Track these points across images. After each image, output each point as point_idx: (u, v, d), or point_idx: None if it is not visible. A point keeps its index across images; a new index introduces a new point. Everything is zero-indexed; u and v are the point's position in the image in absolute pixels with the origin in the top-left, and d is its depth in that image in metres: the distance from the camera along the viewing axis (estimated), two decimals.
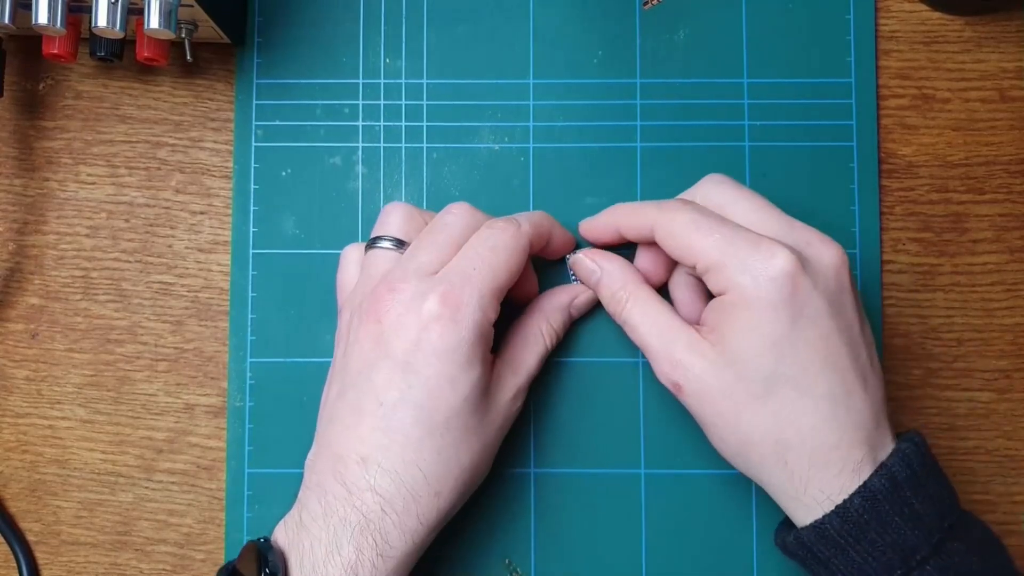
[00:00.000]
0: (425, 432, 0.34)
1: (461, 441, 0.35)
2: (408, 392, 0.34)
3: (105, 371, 0.43)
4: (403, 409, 0.34)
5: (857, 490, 0.33)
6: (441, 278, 0.35)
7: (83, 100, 0.44)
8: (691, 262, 0.36)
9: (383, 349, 0.35)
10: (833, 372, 0.34)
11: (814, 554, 0.34)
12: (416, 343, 0.34)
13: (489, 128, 0.44)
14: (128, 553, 0.43)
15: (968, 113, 0.44)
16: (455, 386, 0.35)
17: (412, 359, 0.34)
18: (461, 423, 0.35)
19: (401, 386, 0.34)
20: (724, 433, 0.36)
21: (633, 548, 0.42)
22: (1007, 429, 0.43)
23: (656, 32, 0.44)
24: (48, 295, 0.44)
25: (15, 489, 0.43)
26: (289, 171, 0.44)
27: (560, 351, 0.42)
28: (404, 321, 0.35)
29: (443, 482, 0.35)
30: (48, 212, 0.44)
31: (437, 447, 0.34)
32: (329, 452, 0.35)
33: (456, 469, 0.35)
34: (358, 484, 0.34)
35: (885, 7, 0.44)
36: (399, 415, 0.34)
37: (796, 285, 0.34)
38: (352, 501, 0.34)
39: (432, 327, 0.34)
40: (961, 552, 0.33)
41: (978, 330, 0.43)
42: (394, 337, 0.35)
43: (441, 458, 0.35)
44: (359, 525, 0.33)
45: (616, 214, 0.40)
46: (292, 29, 0.44)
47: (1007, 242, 0.43)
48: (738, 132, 0.43)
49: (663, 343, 0.37)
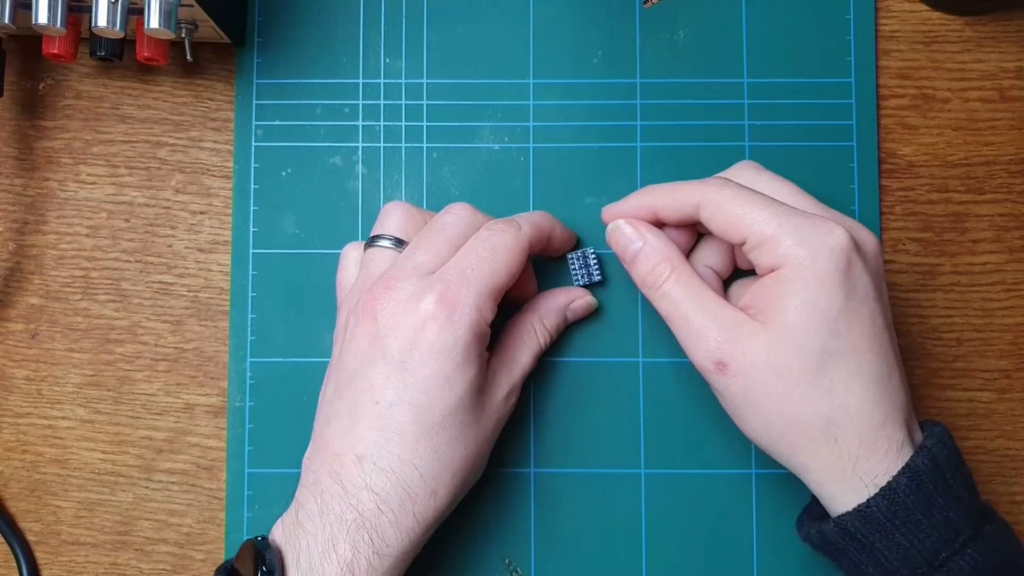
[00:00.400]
0: (421, 431, 0.34)
1: (457, 439, 0.35)
2: (404, 391, 0.34)
3: (105, 371, 0.43)
4: (399, 408, 0.34)
5: (902, 470, 0.33)
6: (439, 277, 0.35)
7: (83, 100, 0.44)
8: (741, 237, 0.35)
9: (379, 347, 0.35)
10: (879, 351, 0.34)
11: (858, 540, 0.34)
12: (412, 342, 0.34)
13: (489, 128, 0.44)
14: (128, 553, 0.43)
15: (968, 113, 0.44)
16: (451, 385, 0.35)
17: (408, 358, 0.34)
18: (457, 422, 0.35)
19: (397, 385, 0.34)
20: (770, 415, 0.35)
21: (633, 548, 0.42)
22: (1007, 429, 0.43)
23: (656, 32, 0.44)
24: (48, 295, 0.44)
25: (15, 489, 0.43)
26: (289, 171, 0.44)
27: (560, 351, 0.42)
28: (400, 319, 0.35)
29: (439, 480, 0.35)
30: (48, 212, 0.44)
31: (433, 446, 0.35)
32: (326, 451, 0.35)
33: (452, 467, 0.35)
34: (354, 483, 0.34)
35: (885, 7, 0.44)
36: (395, 414, 0.34)
37: (851, 262, 0.34)
38: (348, 499, 0.34)
39: (428, 326, 0.34)
40: (993, 534, 0.34)
41: (978, 330, 0.43)
42: (390, 335, 0.35)
43: (437, 456, 0.35)
44: (355, 523, 0.33)
45: (653, 195, 0.39)
46: (292, 29, 0.44)
47: (1007, 242, 0.43)
48: (738, 132, 0.43)
49: (708, 320, 0.36)
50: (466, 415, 0.35)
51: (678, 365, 0.42)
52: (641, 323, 0.43)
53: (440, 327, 0.34)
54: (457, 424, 0.35)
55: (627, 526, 0.42)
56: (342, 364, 0.36)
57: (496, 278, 0.36)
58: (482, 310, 0.35)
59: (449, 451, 0.35)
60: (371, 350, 0.35)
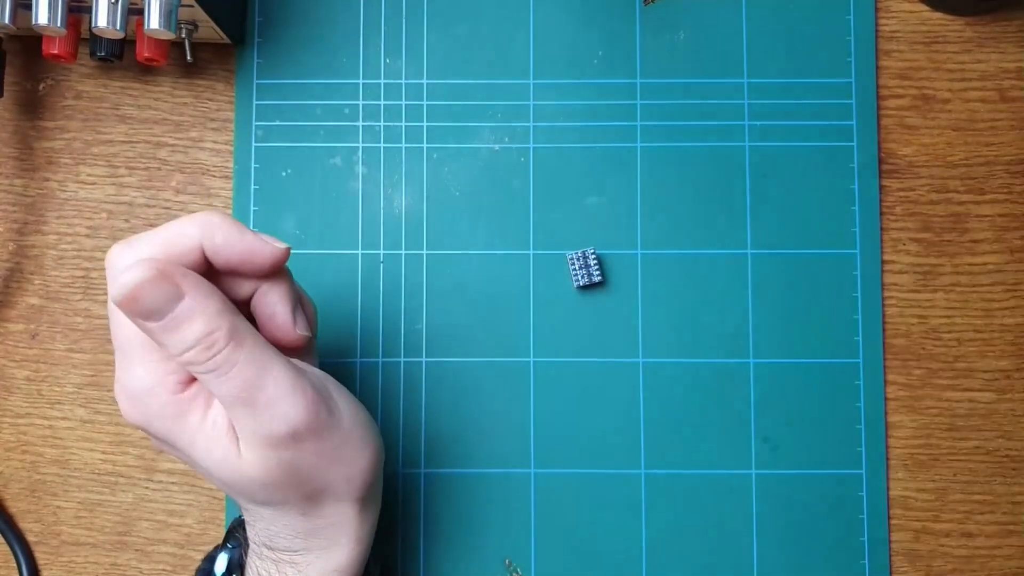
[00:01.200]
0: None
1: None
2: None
3: (105, 371, 0.43)
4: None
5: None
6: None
7: (83, 100, 0.44)
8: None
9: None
10: None
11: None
12: None
13: (489, 128, 0.44)
14: (128, 553, 0.43)
15: (968, 113, 0.44)
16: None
17: None
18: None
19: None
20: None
21: (633, 548, 0.42)
22: (1007, 429, 0.43)
23: (656, 32, 0.44)
24: (48, 295, 0.44)
25: (15, 489, 0.43)
26: (289, 171, 0.44)
27: (560, 351, 0.42)
28: None
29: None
30: (48, 212, 0.44)
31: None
32: None
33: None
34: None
35: (885, 7, 0.44)
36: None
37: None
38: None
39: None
40: None
41: (978, 330, 0.43)
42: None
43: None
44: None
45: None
46: (292, 29, 0.44)
47: (1007, 242, 0.43)
48: (738, 132, 0.43)
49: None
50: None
51: (678, 365, 0.42)
52: (641, 323, 0.43)
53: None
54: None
55: (627, 526, 0.42)
56: None
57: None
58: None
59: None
60: None
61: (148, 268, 0.29)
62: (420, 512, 0.42)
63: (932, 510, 0.42)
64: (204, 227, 0.31)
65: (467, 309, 0.43)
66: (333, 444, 0.32)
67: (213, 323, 0.29)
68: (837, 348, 0.43)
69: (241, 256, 0.32)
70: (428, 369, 0.43)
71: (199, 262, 0.31)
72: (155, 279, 0.29)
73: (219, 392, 0.30)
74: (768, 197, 0.43)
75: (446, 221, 0.43)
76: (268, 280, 0.33)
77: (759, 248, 0.43)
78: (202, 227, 0.31)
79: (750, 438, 0.42)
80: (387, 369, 0.43)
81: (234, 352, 0.30)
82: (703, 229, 0.43)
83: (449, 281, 0.43)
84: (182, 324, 0.29)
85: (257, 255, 0.32)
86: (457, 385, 0.43)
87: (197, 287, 0.30)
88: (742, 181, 0.43)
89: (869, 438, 0.42)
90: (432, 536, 0.42)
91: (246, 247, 0.31)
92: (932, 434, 0.43)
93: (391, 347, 0.43)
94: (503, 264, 0.43)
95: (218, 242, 0.31)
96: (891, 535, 0.42)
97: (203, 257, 0.31)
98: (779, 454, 0.42)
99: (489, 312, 0.43)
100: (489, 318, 0.43)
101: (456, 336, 0.43)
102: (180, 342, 0.29)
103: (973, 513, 0.42)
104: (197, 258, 0.31)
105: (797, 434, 0.42)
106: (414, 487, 0.42)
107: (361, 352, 0.43)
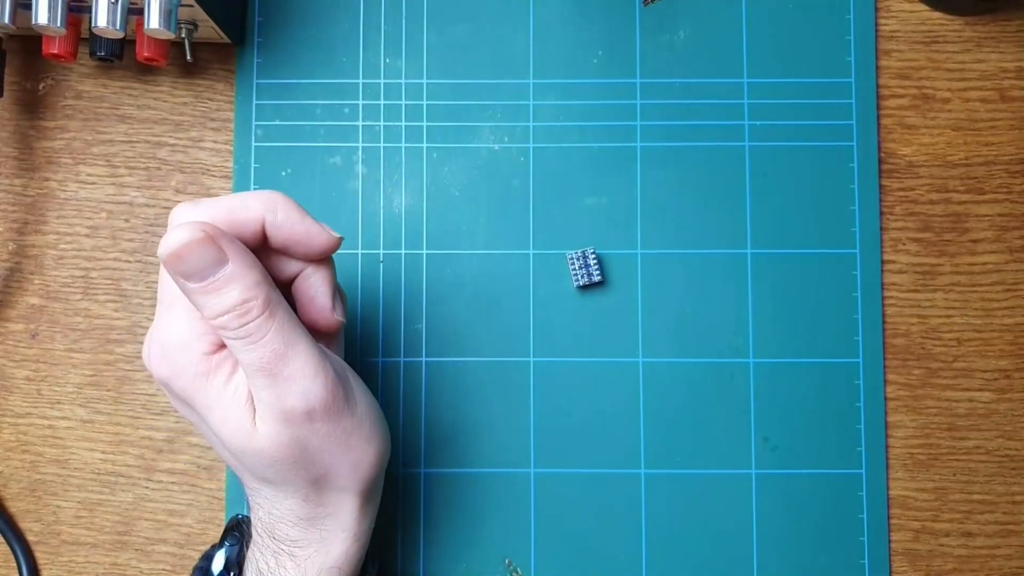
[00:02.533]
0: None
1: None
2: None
3: (105, 371, 0.43)
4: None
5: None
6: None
7: (83, 100, 0.44)
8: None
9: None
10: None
11: None
12: None
13: (489, 128, 0.44)
14: (128, 553, 0.43)
15: (968, 113, 0.44)
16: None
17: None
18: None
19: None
20: None
21: (633, 548, 0.42)
22: (1007, 429, 0.43)
23: (656, 32, 0.44)
24: (48, 295, 0.44)
25: (15, 489, 0.43)
26: (289, 171, 0.44)
27: (560, 351, 0.42)
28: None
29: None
30: (48, 212, 0.44)
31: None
32: None
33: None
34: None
35: (885, 7, 0.44)
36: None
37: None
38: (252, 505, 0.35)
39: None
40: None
41: (978, 330, 0.43)
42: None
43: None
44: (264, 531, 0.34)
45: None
46: (292, 29, 0.44)
47: (1007, 242, 0.43)
48: (738, 132, 0.43)
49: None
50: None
51: (678, 365, 0.42)
52: (641, 323, 0.43)
53: None
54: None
55: (627, 526, 0.42)
56: None
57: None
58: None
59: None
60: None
61: (197, 230, 0.30)
62: (420, 512, 0.42)
63: (932, 510, 0.42)
64: (268, 203, 0.33)
65: (467, 309, 0.43)
66: (344, 430, 0.32)
67: (250, 292, 0.30)
68: (837, 348, 0.43)
69: (298, 237, 0.33)
70: (428, 369, 0.43)
71: (256, 236, 0.33)
72: (201, 241, 0.30)
73: (246, 359, 0.31)
74: (768, 197, 0.43)
75: (446, 221, 0.43)
76: (314, 264, 0.34)
77: (759, 248, 0.43)
78: (266, 203, 0.33)
79: (750, 438, 0.42)
80: (387, 369, 0.43)
81: (266, 323, 0.31)
82: (703, 229, 0.43)
83: (449, 281, 0.43)
84: (221, 289, 0.30)
85: (313, 239, 0.33)
86: (457, 385, 0.43)
87: (240, 256, 0.31)
88: (742, 181, 0.43)
89: (869, 438, 0.42)
90: (432, 536, 0.42)
91: (304, 229, 0.33)
92: (932, 434, 0.43)
93: (391, 347, 0.43)
94: (503, 264, 0.43)
95: (279, 220, 0.33)
96: (891, 535, 0.42)
97: (261, 232, 0.33)
98: (779, 454, 0.42)
99: (489, 312, 0.43)
100: (489, 318, 0.43)
101: (456, 336, 0.43)
102: (217, 306, 0.30)
103: (973, 513, 0.42)
104: (255, 231, 0.33)
105: (797, 434, 0.42)
106: (414, 487, 0.42)
107: (361, 352, 0.43)
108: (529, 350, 0.43)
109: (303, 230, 0.33)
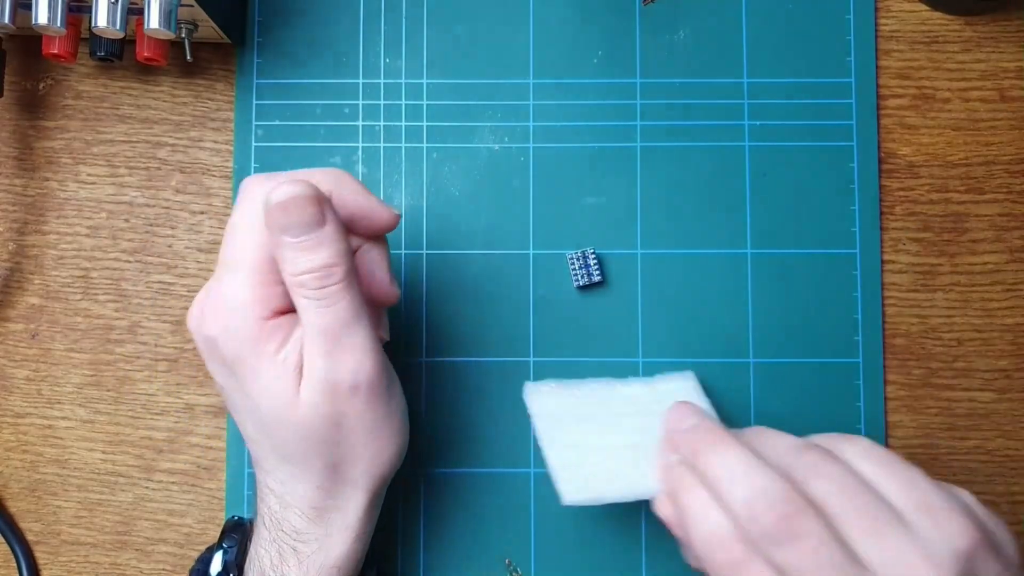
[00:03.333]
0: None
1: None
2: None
3: (105, 371, 0.43)
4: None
5: None
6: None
7: (83, 100, 0.44)
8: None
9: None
10: None
11: None
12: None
13: (489, 128, 0.44)
14: (128, 553, 0.43)
15: (968, 113, 0.44)
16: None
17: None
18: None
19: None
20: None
21: (633, 548, 0.42)
22: (1007, 429, 0.43)
23: (656, 32, 0.44)
24: (48, 295, 0.44)
25: (15, 489, 0.43)
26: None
27: (560, 351, 0.42)
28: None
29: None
30: (48, 212, 0.44)
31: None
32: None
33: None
34: (263, 486, 0.35)
35: (885, 7, 0.44)
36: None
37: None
38: (263, 501, 0.35)
39: None
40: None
41: (978, 330, 0.43)
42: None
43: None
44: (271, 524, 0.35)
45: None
46: (292, 29, 0.44)
47: (1007, 242, 0.43)
48: (738, 132, 0.43)
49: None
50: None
51: (678, 365, 0.42)
52: (641, 323, 0.43)
53: None
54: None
55: (627, 526, 0.42)
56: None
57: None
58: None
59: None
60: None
61: (308, 188, 0.31)
62: (420, 512, 0.42)
63: None
64: (336, 178, 0.34)
65: (467, 309, 0.43)
66: (377, 416, 0.33)
67: (338, 258, 0.31)
68: (837, 348, 0.43)
69: (362, 212, 0.34)
70: (428, 369, 0.43)
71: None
72: (310, 199, 0.31)
73: (315, 320, 0.31)
74: (768, 197, 0.43)
75: (446, 221, 0.43)
76: (371, 241, 0.35)
77: (759, 248, 0.43)
78: (335, 178, 0.34)
79: None
80: None
81: (343, 291, 0.31)
82: (703, 229, 0.43)
83: (449, 281, 0.43)
84: (314, 247, 0.31)
85: (376, 214, 0.34)
86: (457, 385, 0.43)
87: (336, 223, 0.32)
88: (742, 181, 0.43)
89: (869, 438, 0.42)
90: (432, 536, 0.42)
91: (369, 205, 0.34)
92: (932, 434, 0.43)
93: (391, 347, 0.43)
94: (503, 264, 0.43)
95: (346, 194, 0.34)
96: None
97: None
98: None
99: (489, 312, 0.43)
100: (489, 318, 0.43)
101: (456, 336, 0.43)
102: (305, 263, 0.31)
103: None
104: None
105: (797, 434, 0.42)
106: (414, 487, 0.42)
107: None
108: (529, 350, 0.43)
109: (367, 205, 0.34)
